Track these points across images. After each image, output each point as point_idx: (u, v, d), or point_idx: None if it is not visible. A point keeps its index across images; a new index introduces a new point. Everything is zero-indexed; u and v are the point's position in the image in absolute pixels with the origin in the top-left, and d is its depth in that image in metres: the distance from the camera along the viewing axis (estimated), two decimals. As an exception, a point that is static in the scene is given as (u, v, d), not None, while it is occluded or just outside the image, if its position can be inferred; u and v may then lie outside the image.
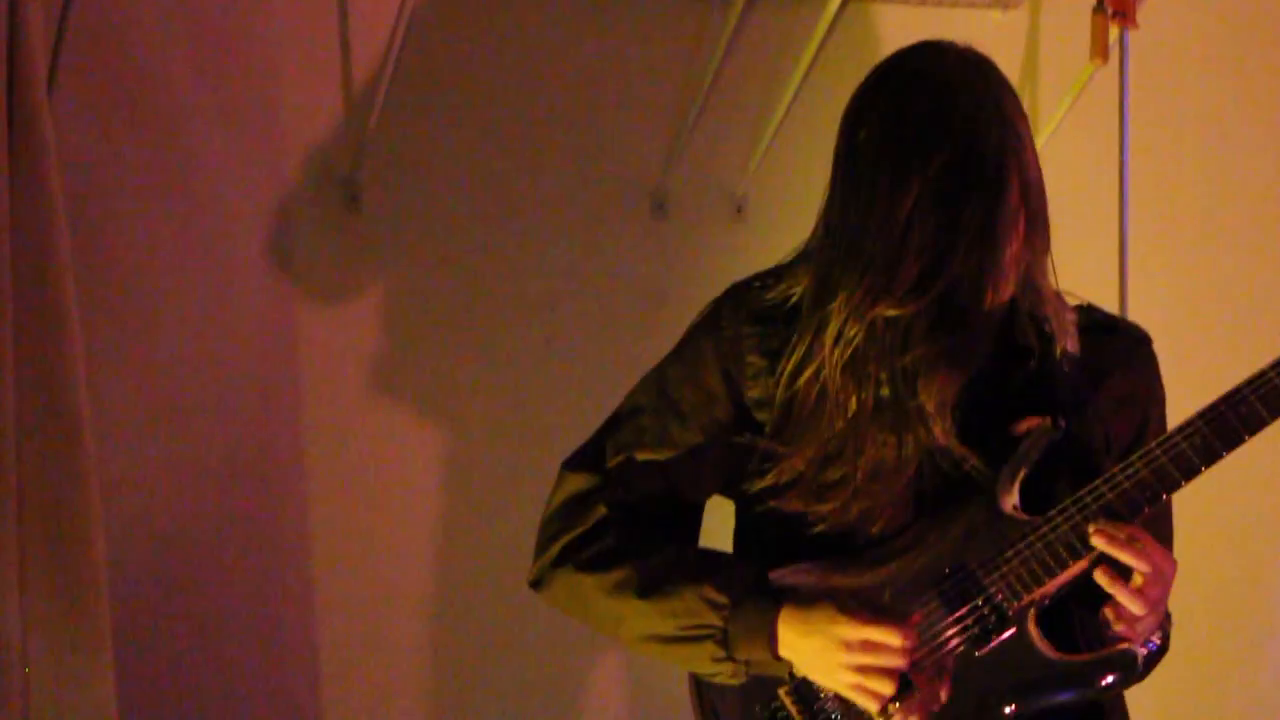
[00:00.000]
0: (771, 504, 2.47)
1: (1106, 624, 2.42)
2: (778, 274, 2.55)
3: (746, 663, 2.44)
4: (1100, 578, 2.38)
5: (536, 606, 2.66)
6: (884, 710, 2.38)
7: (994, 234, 2.36)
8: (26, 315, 3.18)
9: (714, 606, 2.44)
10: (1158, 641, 2.48)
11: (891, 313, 2.35)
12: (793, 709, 2.48)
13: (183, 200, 3.70)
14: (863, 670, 2.36)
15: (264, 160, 3.78)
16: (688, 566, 2.48)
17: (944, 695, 2.40)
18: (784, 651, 2.41)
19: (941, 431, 2.40)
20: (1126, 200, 4.14)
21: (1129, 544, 2.36)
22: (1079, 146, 4.16)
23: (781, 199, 4.02)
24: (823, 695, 2.46)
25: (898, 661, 2.36)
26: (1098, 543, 2.37)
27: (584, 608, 2.55)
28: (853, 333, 2.37)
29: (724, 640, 2.43)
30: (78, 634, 3.23)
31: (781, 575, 2.48)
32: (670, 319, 3.86)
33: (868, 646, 2.36)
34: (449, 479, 3.90)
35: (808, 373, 2.42)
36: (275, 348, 3.79)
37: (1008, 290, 2.43)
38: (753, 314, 2.53)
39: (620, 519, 2.52)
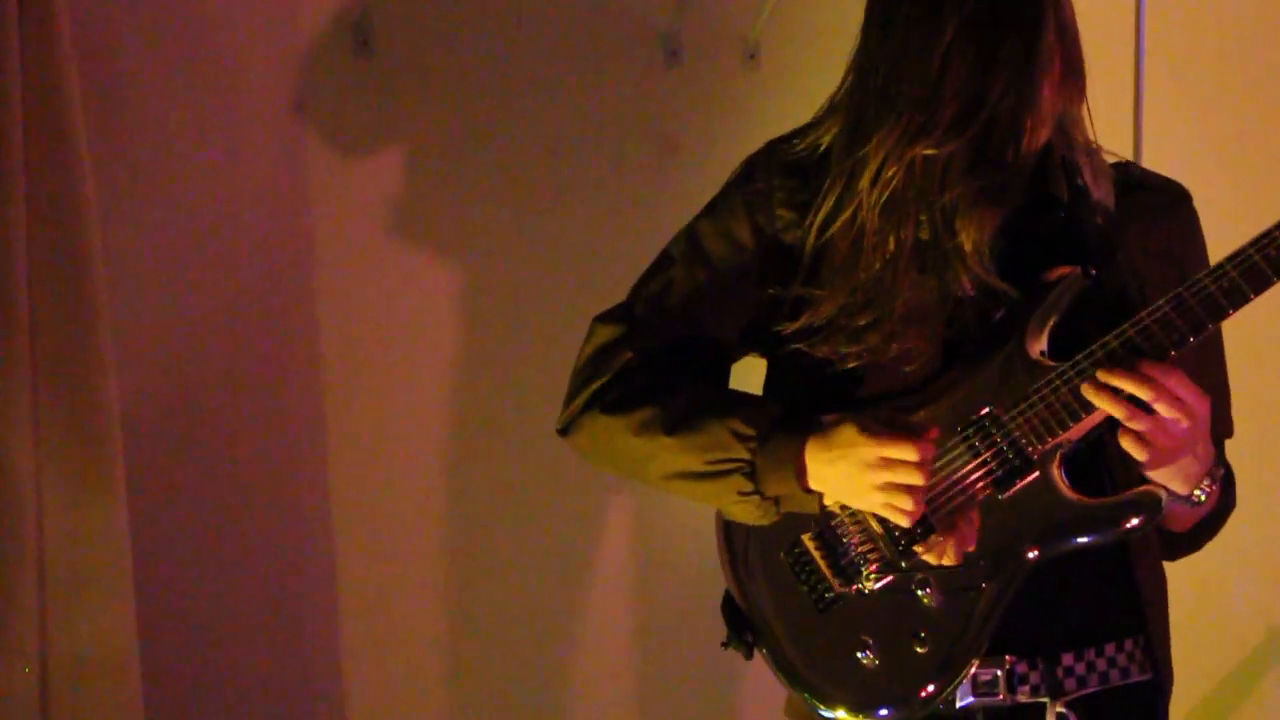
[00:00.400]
0: (802, 348, 2.46)
1: (1135, 464, 2.40)
2: (813, 124, 2.53)
3: (775, 499, 2.45)
4: (1099, 399, 2.36)
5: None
6: (916, 527, 2.39)
7: (1031, 73, 2.34)
8: (38, 159, 3.18)
9: (741, 439, 2.43)
10: (1207, 491, 2.45)
11: (930, 152, 2.35)
12: (816, 554, 2.49)
13: (194, 45, 3.67)
14: (885, 488, 2.36)
15: (274, 6, 3.75)
16: (714, 402, 2.49)
17: (972, 537, 2.39)
18: (813, 483, 2.42)
19: (981, 270, 2.39)
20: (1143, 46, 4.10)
21: (1131, 373, 2.33)
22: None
23: (795, 45, 3.99)
24: (845, 540, 2.47)
25: (914, 477, 2.35)
26: (1100, 376, 2.35)
27: (611, 450, 2.55)
28: (891, 174, 2.37)
29: (751, 473, 2.43)
30: (91, 471, 3.25)
31: (811, 419, 2.47)
32: (682, 166, 3.90)
33: (886, 464, 2.35)
34: (462, 320, 3.90)
35: (844, 216, 2.42)
36: (288, 192, 3.78)
37: (1044, 133, 2.41)
38: (784, 167, 2.52)
39: (647, 363, 2.52)
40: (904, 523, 2.38)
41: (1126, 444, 2.36)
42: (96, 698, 3.26)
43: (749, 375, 2.64)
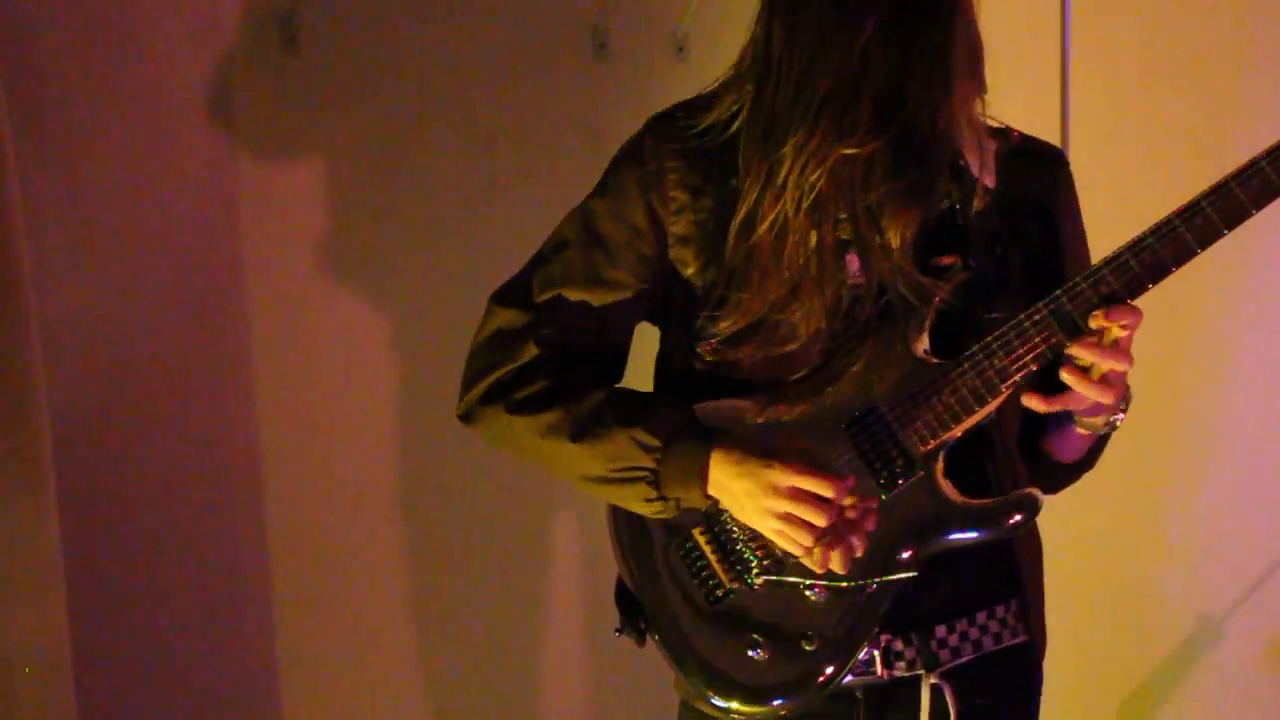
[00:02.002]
0: (723, 351, 2.50)
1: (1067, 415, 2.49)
2: (703, 104, 2.54)
3: (676, 501, 2.48)
4: (1067, 376, 2.39)
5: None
6: (805, 556, 2.41)
7: (949, 65, 2.39)
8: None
9: (645, 449, 2.48)
10: (1123, 414, 2.52)
11: (851, 151, 2.36)
12: (706, 548, 2.53)
13: (118, 44, 3.63)
14: (788, 518, 2.39)
15: (200, 3, 3.73)
16: (619, 409, 2.51)
17: (861, 546, 2.41)
18: (713, 490, 2.45)
19: (909, 266, 2.41)
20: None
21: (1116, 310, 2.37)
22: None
23: (722, 38, 3.98)
24: (735, 535, 2.51)
25: (820, 518, 2.38)
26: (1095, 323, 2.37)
27: (516, 447, 2.58)
28: (814, 176, 2.38)
29: (655, 481, 2.47)
30: (20, 471, 3.21)
31: (707, 413, 2.51)
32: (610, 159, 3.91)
33: (796, 494, 2.38)
34: (396, 314, 3.89)
35: (769, 218, 2.42)
36: (214, 190, 3.75)
37: (957, 126, 2.44)
38: (677, 148, 2.54)
39: (550, 358, 2.54)
40: (795, 552, 2.42)
41: (1067, 403, 2.42)
42: (29, 698, 3.23)
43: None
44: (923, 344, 2.45)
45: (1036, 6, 4.18)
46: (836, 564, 2.40)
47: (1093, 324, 2.37)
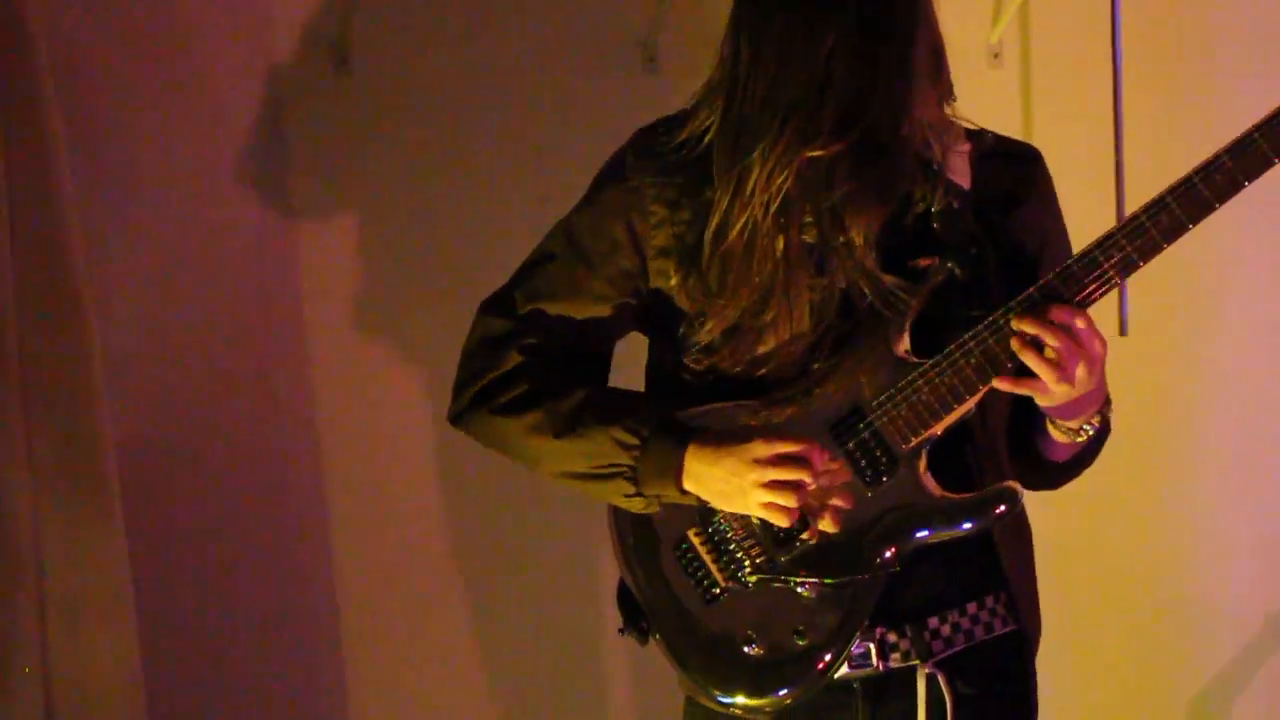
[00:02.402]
0: (704, 359, 2.56)
1: (1037, 413, 2.55)
2: (681, 119, 2.60)
3: (656, 496, 2.56)
4: (1018, 349, 2.44)
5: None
6: (794, 523, 2.49)
7: (909, 72, 2.45)
8: (22, 192, 3.18)
9: (624, 447, 2.54)
10: (1096, 425, 2.58)
11: (817, 153, 2.42)
12: (701, 549, 2.59)
13: (171, 66, 3.68)
14: (772, 486, 2.46)
15: (252, 24, 3.76)
16: (599, 408, 2.58)
17: (846, 503, 2.50)
18: (689, 484, 2.52)
19: (870, 263, 2.47)
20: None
21: (1042, 321, 2.43)
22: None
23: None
24: (729, 535, 2.57)
25: (804, 473, 2.46)
26: (1018, 326, 2.44)
27: (504, 446, 2.66)
28: (781, 178, 2.44)
29: (634, 478, 2.54)
30: (87, 496, 3.26)
31: (690, 415, 2.57)
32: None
33: (777, 460, 2.46)
34: (450, 328, 3.88)
35: (739, 224, 2.48)
36: (269, 212, 3.79)
37: (920, 128, 2.49)
38: (656, 164, 2.59)
39: (533, 364, 2.61)
40: (783, 522, 2.48)
41: (1031, 388, 2.47)
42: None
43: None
44: (903, 344, 2.50)
45: (1088, 2, 4.16)
46: (828, 525, 2.49)
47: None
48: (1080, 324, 2.43)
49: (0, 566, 3.16)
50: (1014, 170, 2.65)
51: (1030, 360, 2.44)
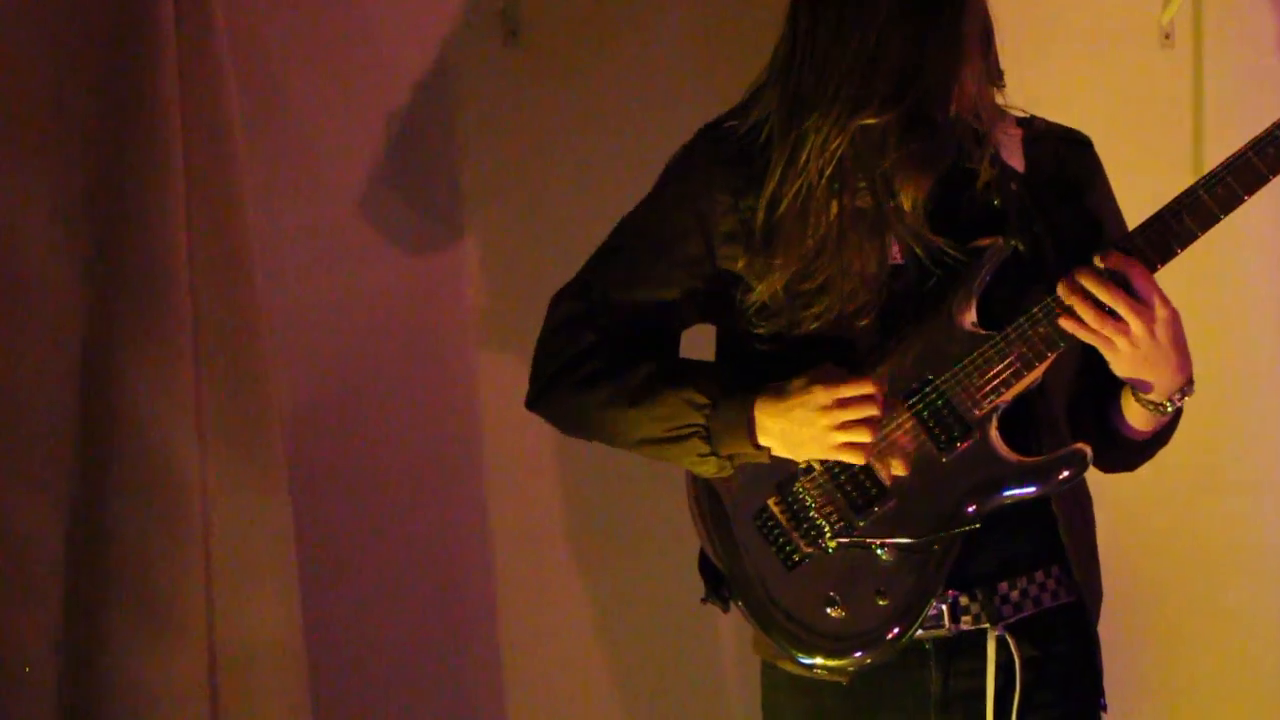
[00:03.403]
0: (759, 327, 2.67)
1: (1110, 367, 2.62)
2: (745, 108, 2.71)
3: (730, 456, 2.66)
4: (1076, 304, 2.55)
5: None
6: (870, 458, 2.61)
7: (960, 44, 2.57)
8: (196, 157, 3.22)
9: (696, 407, 2.66)
10: (1178, 401, 2.67)
11: (870, 121, 2.54)
12: (781, 517, 2.70)
13: (343, 40, 3.71)
14: (843, 426, 2.57)
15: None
16: (670, 374, 2.70)
17: (905, 464, 2.62)
18: (762, 439, 2.63)
19: (919, 227, 2.59)
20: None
21: (1100, 280, 2.54)
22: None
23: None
24: (808, 503, 2.67)
25: (872, 409, 2.57)
26: (1061, 292, 2.56)
27: (581, 422, 2.79)
28: (836, 144, 2.56)
29: (708, 436, 2.65)
30: (253, 464, 3.31)
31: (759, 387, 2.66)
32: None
33: (843, 403, 2.57)
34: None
35: (791, 189, 2.60)
36: (437, 184, 3.82)
37: (967, 102, 2.62)
38: (723, 154, 2.71)
39: (605, 342, 2.72)
40: (859, 460, 2.60)
41: (1100, 346, 2.57)
42: (265, 688, 3.32)
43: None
44: (970, 316, 2.61)
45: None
46: (899, 467, 2.61)
47: (1100, 264, 2.56)
48: (1138, 279, 2.53)
49: (170, 530, 3.20)
50: (1067, 154, 2.78)
51: (1084, 311, 2.54)
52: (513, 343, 3.83)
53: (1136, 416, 2.71)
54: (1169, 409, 2.67)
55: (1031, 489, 2.63)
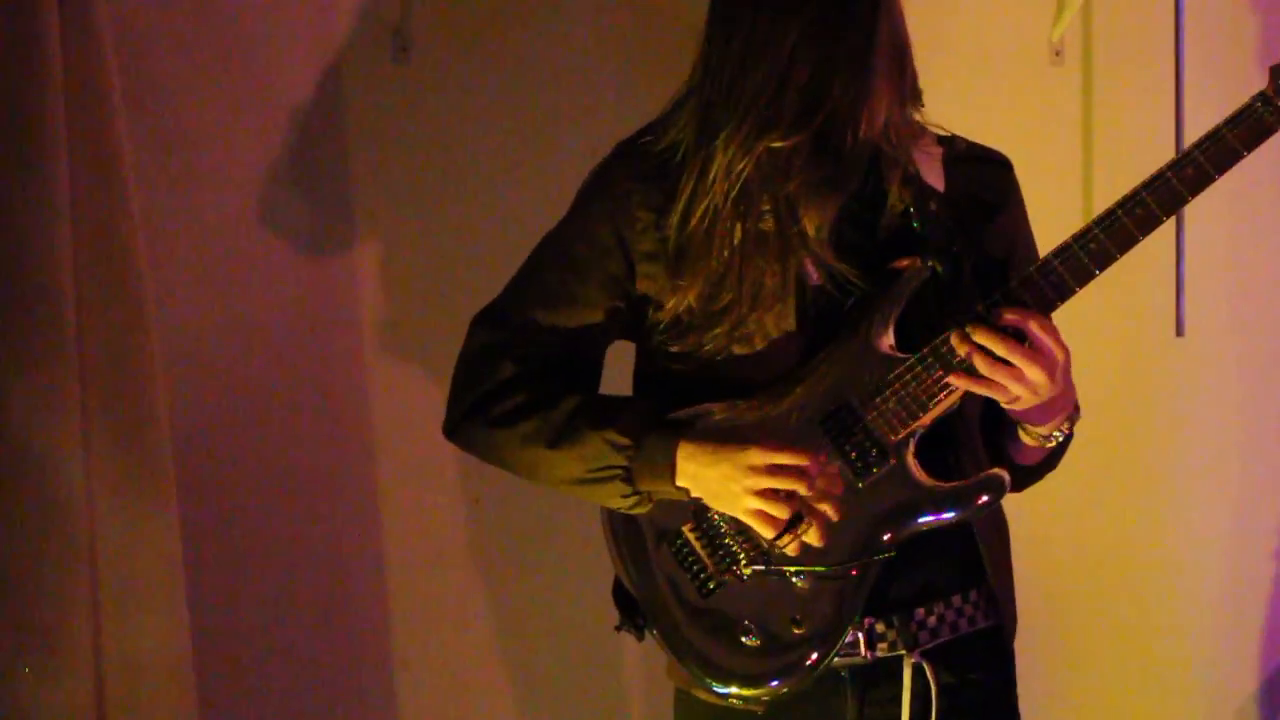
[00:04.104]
0: (670, 344, 2.65)
1: (1008, 421, 2.65)
2: (662, 124, 2.70)
3: (649, 494, 2.63)
4: (977, 362, 2.53)
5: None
6: (779, 536, 2.56)
7: (869, 68, 2.55)
8: (82, 168, 3.19)
9: (617, 448, 2.62)
10: (1065, 431, 2.68)
11: (777, 144, 2.52)
12: (696, 543, 2.66)
13: (231, 54, 3.70)
14: (763, 494, 2.55)
15: (312, 13, 3.77)
16: (590, 413, 2.66)
17: (835, 514, 2.57)
18: (682, 481, 2.59)
19: (823, 253, 2.57)
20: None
21: (994, 332, 2.52)
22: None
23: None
24: (724, 530, 2.64)
25: (800, 485, 2.54)
26: (957, 347, 2.54)
27: (498, 458, 2.74)
28: (741, 166, 2.55)
29: (629, 478, 2.62)
30: (141, 478, 3.27)
31: (678, 416, 2.64)
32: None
33: (773, 470, 2.54)
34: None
35: (699, 209, 2.58)
36: (328, 201, 3.80)
37: (877, 124, 2.60)
38: (641, 171, 2.68)
39: (525, 374, 2.69)
40: (769, 533, 2.56)
41: (989, 392, 2.55)
42: (153, 706, 3.29)
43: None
44: (887, 340, 2.59)
45: (1149, 3, 4.15)
46: (814, 538, 2.56)
47: (999, 321, 2.54)
48: (1035, 328, 2.52)
49: (55, 548, 3.17)
50: (987, 175, 2.77)
51: (982, 365, 2.52)
52: (406, 355, 3.83)
53: (1027, 446, 2.72)
54: (1059, 438, 2.69)
55: (949, 515, 2.59)
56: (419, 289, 3.85)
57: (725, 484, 2.57)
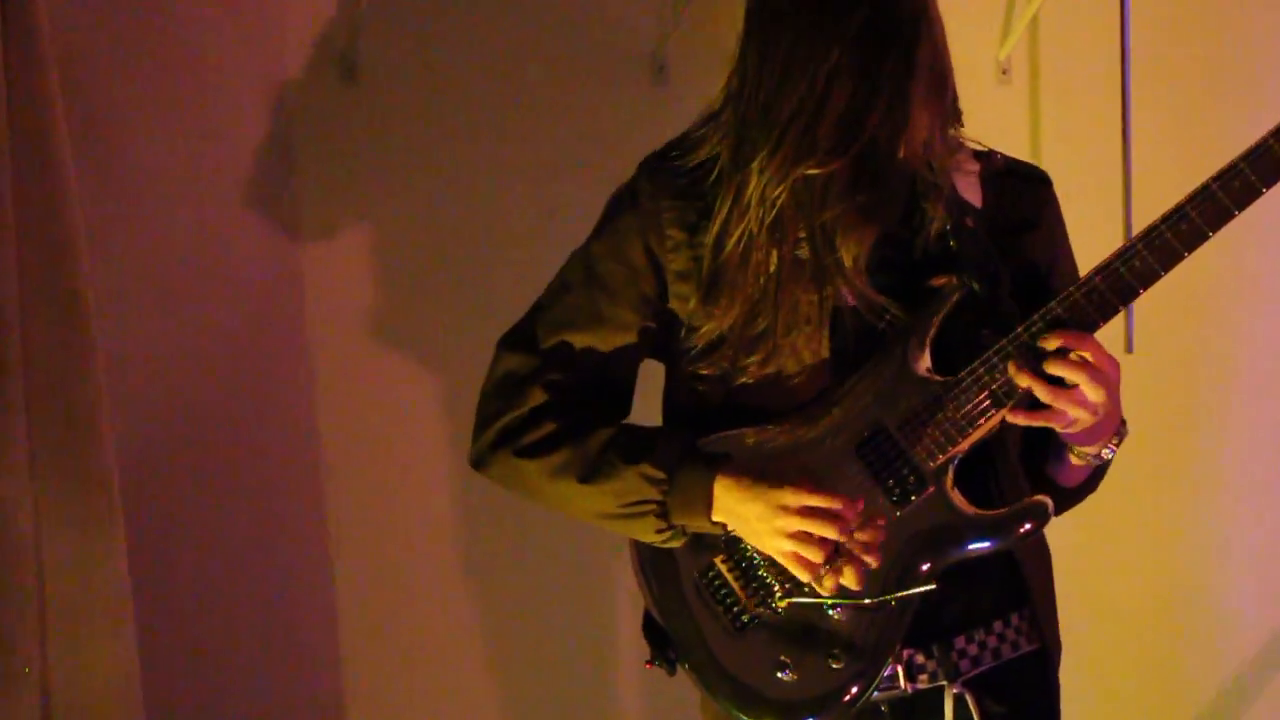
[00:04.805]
0: (703, 368, 2.56)
1: (1057, 443, 2.57)
2: (691, 140, 2.61)
3: (683, 528, 2.55)
4: (1039, 391, 2.45)
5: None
6: (816, 578, 2.47)
7: (908, 93, 2.44)
8: (28, 196, 3.17)
9: (652, 482, 2.54)
10: (1114, 447, 2.58)
11: (813, 171, 2.43)
12: (728, 575, 2.58)
13: (179, 75, 3.68)
14: (797, 537, 2.46)
15: (261, 34, 3.76)
16: (624, 446, 2.58)
17: (875, 560, 2.47)
18: (719, 516, 2.52)
19: (861, 284, 2.49)
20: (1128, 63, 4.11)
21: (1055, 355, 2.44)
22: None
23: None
24: (757, 562, 2.56)
25: (833, 532, 2.45)
26: (1016, 378, 2.45)
27: (526, 489, 2.65)
28: (776, 193, 2.45)
29: (664, 513, 2.54)
30: (89, 514, 3.24)
31: (710, 442, 2.57)
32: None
33: (806, 513, 2.46)
34: (454, 338, 3.89)
35: (735, 234, 2.49)
36: (275, 221, 3.78)
37: (917, 148, 2.50)
38: (671, 187, 2.60)
39: (556, 403, 2.60)
40: (804, 577, 2.48)
41: (1050, 421, 2.47)
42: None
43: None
44: (924, 362, 2.51)
45: (1096, 21, 4.16)
46: (850, 580, 2.47)
47: (1048, 345, 2.45)
48: (1092, 353, 2.44)
49: (1, 576, 3.14)
50: (1025, 192, 2.67)
51: (1044, 394, 2.44)
52: (353, 374, 3.82)
53: (1074, 467, 2.63)
54: (1109, 456, 2.60)
55: (989, 543, 2.50)
56: (365, 308, 3.84)
57: (760, 522, 2.48)
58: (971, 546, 2.50)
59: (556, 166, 3.91)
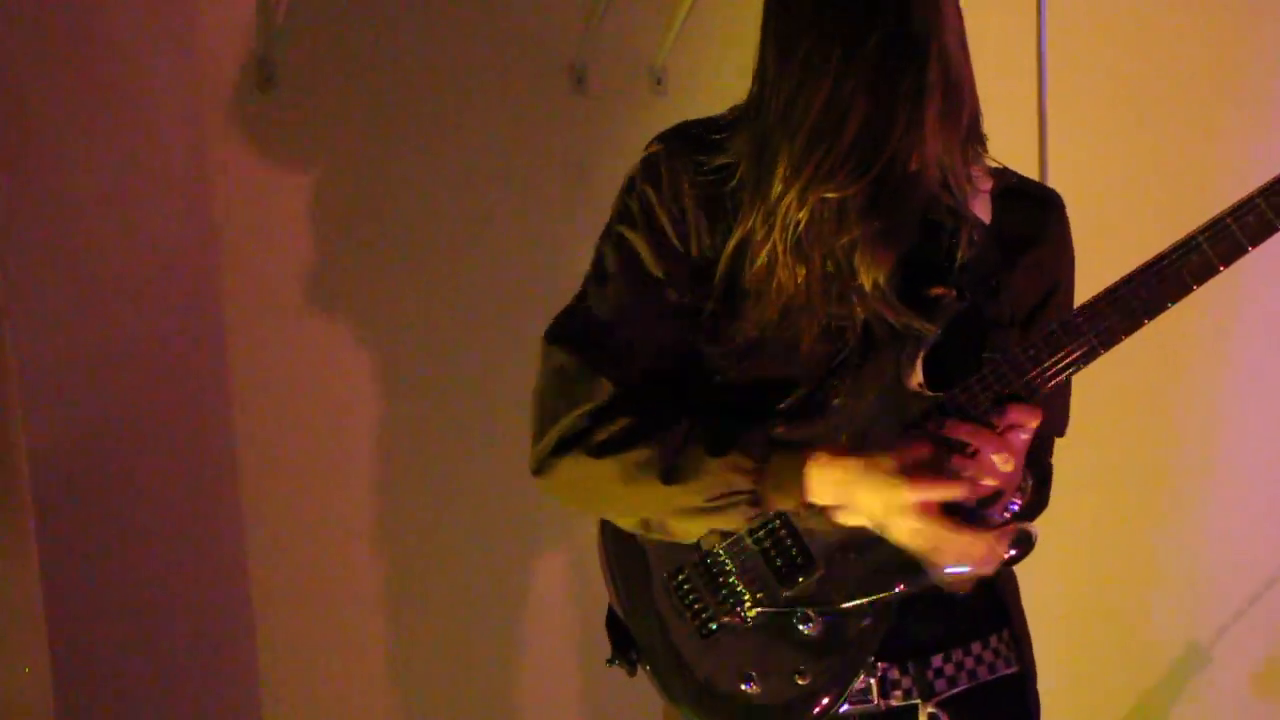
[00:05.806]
0: (730, 371, 2.51)
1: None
2: (718, 142, 2.53)
3: (778, 514, 2.48)
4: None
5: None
6: (795, 563, 2.46)
7: (924, 111, 2.39)
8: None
9: (743, 472, 2.44)
10: (1018, 502, 2.47)
11: (832, 195, 2.38)
12: (699, 581, 2.53)
13: (95, 80, 3.64)
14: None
15: (177, 42, 3.72)
16: (704, 439, 2.47)
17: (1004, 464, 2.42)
18: (814, 497, 2.43)
19: (883, 306, 2.43)
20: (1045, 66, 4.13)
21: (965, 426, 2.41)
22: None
23: (700, 70, 4.00)
24: (730, 568, 2.51)
25: (948, 461, 2.40)
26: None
27: (592, 494, 2.53)
28: (797, 215, 2.40)
29: (756, 501, 2.45)
30: (2, 527, 3.21)
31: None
32: (594, 194, 3.90)
33: (921, 460, 2.38)
34: (375, 352, 3.88)
35: (756, 250, 2.44)
36: (192, 228, 3.74)
37: (932, 166, 2.45)
38: (692, 177, 2.52)
39: (621, 396, 2.49)
40: (960, 491, 2.39)
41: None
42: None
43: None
44: (916, 377, 2.47)
45: (1011, 38, 4.18)
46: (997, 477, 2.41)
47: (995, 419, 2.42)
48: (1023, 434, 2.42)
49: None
50: (1034, 212, 2.63)
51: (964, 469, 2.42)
52: (275, 378, 3.80)
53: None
54: (1008, 517, 2.51)
55: (966, 569, 2.44)
56: (284, 315, 3.82)
57: (894, 515, 2.40)
58: (951, 570, 2.43)
59: (479, 174, 3.91)
